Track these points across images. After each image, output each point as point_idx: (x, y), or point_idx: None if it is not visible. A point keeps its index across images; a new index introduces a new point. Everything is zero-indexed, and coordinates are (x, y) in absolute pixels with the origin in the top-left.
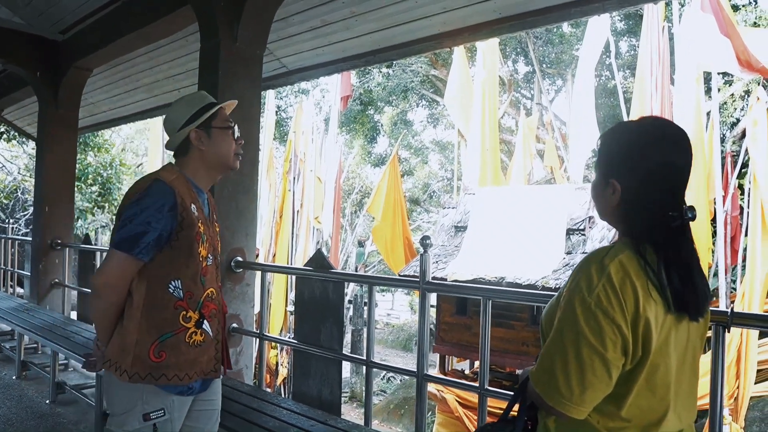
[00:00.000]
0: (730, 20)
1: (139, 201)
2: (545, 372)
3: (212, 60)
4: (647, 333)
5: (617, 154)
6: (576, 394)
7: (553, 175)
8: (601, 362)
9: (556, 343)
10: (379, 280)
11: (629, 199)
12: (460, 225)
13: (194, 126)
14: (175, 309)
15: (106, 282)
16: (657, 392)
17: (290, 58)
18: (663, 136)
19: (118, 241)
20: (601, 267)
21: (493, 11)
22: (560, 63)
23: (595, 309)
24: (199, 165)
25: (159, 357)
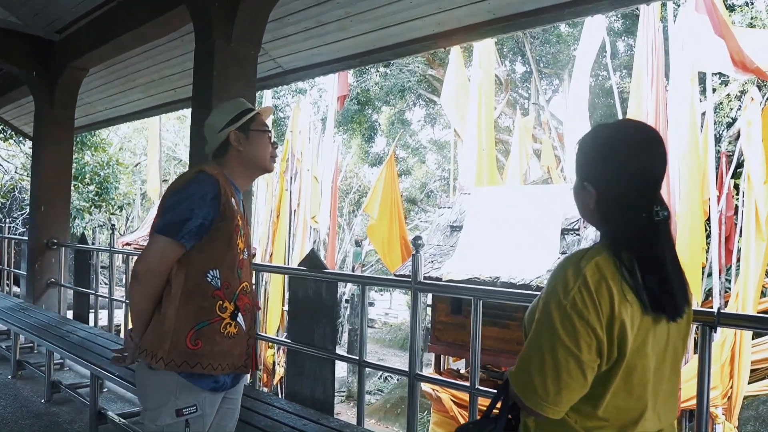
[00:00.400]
0: (724, 21)
1: (183, 189)
2: (523, 373)
3: (207, 60)
4: (623, 335)
5: (590, 158)
6: (552, 395)
7: (550, 175)
8: (576, 364)
9: (533, 345)
10: (371, 280)
11: (603, 201)
12: (456, 225)
13: (234, 128)
14: (213, 298)
15: (148, 268)
16: (634, 392)
17: (285, 58)
18: (634, 140)
19: (162, 227)
20: (577, 270)
21: (487, 12)
22: (557, 63)
23: (571, 311)
24: (237, 165)
25: (195, 345)
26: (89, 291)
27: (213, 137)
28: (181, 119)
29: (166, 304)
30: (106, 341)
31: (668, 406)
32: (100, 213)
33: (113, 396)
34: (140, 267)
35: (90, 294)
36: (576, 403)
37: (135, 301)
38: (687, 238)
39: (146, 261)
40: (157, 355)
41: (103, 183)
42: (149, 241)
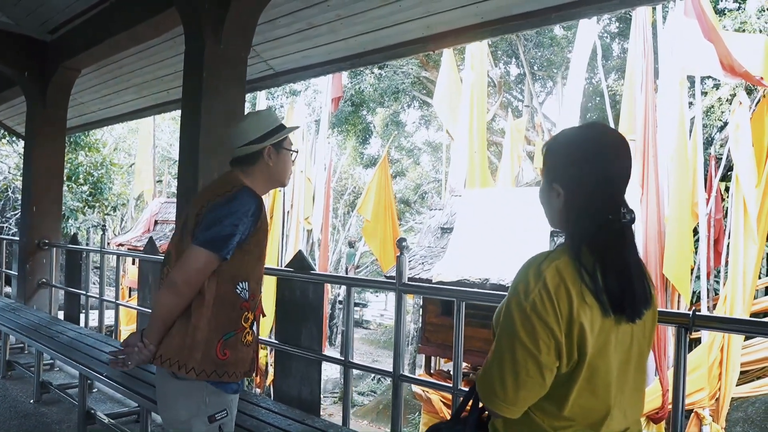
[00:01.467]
0: (712, 25)
1: (229, 204)
2: (485, 374)
3: (197, 62)
4: (582, 338)
5: (559, 160)
6: (510, 394)
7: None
8: (534, 364)
9: (495, 347)
10: (356, 281)
11: (570, 202)
12: (447, 227)
13: (271, 142)
14: (240, 309)
15: (188, 279)
16: (598, 393)
17: (277, 60)
18: (601, 143)
19: (206, 241)
20: (537, 272)
21: (475, 15)
22: (551, 65)
23: (531, 313)
24: (261, 177)
25: (224, 355)
26: (80, 292)
27: (243, 145)
28: (176, 119)
29: (197, 315)
30: (96, 342)
31: (634, 404)
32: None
33: (102, 396)
34: (179, 277)
35: (81, 294)
36: (541, 403)
37: (165, 309)
38: (676, 240)
39: (187, 272)
40: (188, 365)
41: (96, 183)
42: (191, 252)
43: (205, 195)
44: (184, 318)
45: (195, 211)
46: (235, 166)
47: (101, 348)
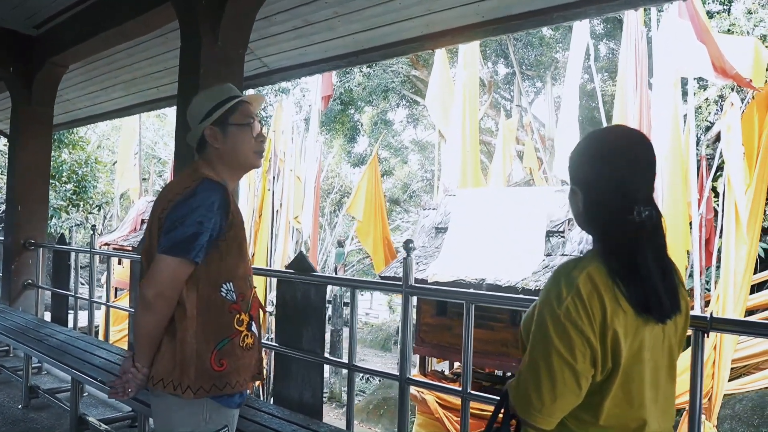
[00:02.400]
0: (705, 27)
1: (187, 201)
2: (520, 384)
3: (193, 60)
4: (616, 345)
5: (577, 163)
6: (547, 405)
7: (532, 177)
8: (571, 373)
9: (530, 357)
10: (362, 283)
11: (589, 204)
12: (441, 226)
13: (209, 122)
14: (230, 313)
15: (159, 292)
16: (634, 402)
17: (272, 57)
18: (616, 142)
19: (170, 246)
20: (569, 280)
21: (476, 14)
22: (540, 65)
23: (565, 321)
24: (219, 163)
25: (221, 366)
26: (68, 293)
27: (193, 130)
28: (161, 117)
29: (181, 329)
30: (87, 345)
31: (666, 412)
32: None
33: (94, 401)
34: (149, 291)
35: (69, 296)
36: (575, 411)
37: (144, 329)
38: (670, 239)
39: (156, 284)
40: (183, 384)
41: (81, 182)
42: (156, 263)
43: (166, 194)
44: (170, 334)
45: (157, 214)
46: (196, 154)
47: (93, 351)
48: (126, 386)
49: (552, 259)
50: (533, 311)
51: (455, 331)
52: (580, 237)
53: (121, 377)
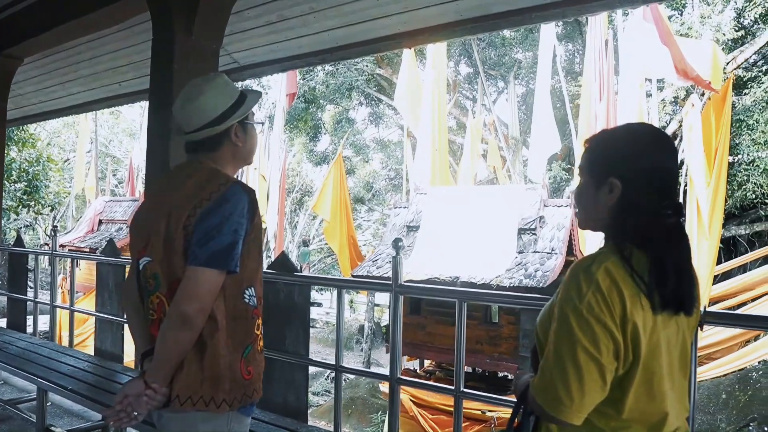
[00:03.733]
0: (668, 30)
1: (221, 207)
2: (545, 382)
3: (166, 54)
4: (636, 337)
5: (618, 154)
6: (576, 401)
7: (496, 175)
8: (597, 367)
9: (554, 353)
10: (349, 283)
11: (628, 197)
12: (413, 224)
13: (235, 120)
14: (252, 318)
15: (202, 308)
16: (655, 397)
17: (243, 53)
18: (658, 139)
19: (210, 257)
20: (588, 275)
21: (455, 12)
22: (502, 65)
23: (587, 315)
24: (230, 161)
25: (249, 374)
26: (28, 298)
27: (203, 126)
28: (115, 114)
29: (213, 342)
30: (51, 351)
31: (682, 406)
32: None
33: (58, 410)
34: (191, 307)
35: (27, 301)
36: (598, 406)
37: (180, 347)
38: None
39: (198, 299)
40: (217, 399)
41: (32, 181)
42: (195, 276)
43: (184, 199)
44: (196, 347)
45: (180, 222)
46: (195, 152)
47: (59, 359)
48: (130, 409)
49: (524, 256)
50: (550, 310)
51: (429, 329)
52: (551, 235)
53: (122, 401)
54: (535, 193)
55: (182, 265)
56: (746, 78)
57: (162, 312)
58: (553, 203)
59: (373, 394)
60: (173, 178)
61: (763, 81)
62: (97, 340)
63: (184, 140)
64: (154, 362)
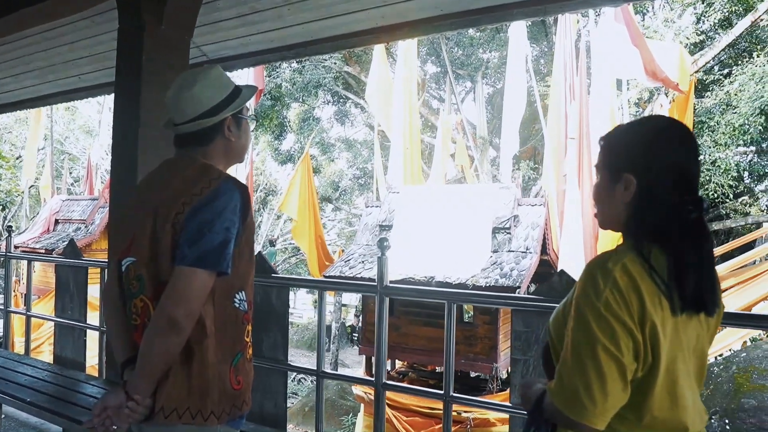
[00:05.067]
0: (639, 31)
1: (212, 203)
2: (564, 385)
3: (134, 44)
4: (654, 336)
5: (633, 149)
6: (599, 404)
7: (464, 174)
8: (618, 367)
9: (572, 354)
10: (331, 284)
11: (644, 193)
12: (385, 224)
13: (229, 112)
14: (242, 324)
15: (190, 311)
16: (676, 404)
17: (212, 46)
18: (676, 133)
19: (199, 257)
20: (605, 272)
21: (434, 7)
22: (469, 65)
23: (606, 313)
24: (220, 157)
25: (239, 384)
26: None
27: (195, 118)
28: (71, 110)
29: (201, 349)
30: (5, 360)
31: (701, 416)
32: None
33: (14, 423)
34: (179, 311)
35: None
36: (620, 410)
37: (166, 355)
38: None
39: (186, 302)
40: (205, 411)
41: None
42: (182, 277)
43: (173, 195)
44: (182, 355)
45: (168, 219)
46: (185, 146)
47: (14, 368)
48: (109, 423)
49: (499, 255)
50: (563, 310)
51: (402, 330)
52: (525, 234)
53: (101, 413)
54: (509, 192)
55: (169, 266)
56: (707, 81)
57: (146, 317)
58: (527, 202)
59: (341, 395)
60: (160, 174)
61: (724, 84)
62: (57, 346)
63: (174, 133)
64: (137, 371)
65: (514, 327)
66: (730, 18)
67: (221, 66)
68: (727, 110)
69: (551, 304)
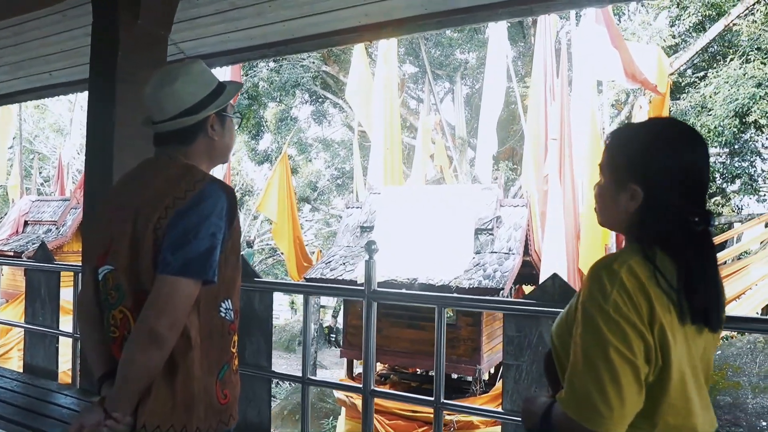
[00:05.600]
0: (619, 33)
1: (197, 207)
2: (577, 393)
3: (110, 40)
4: (664, 339)
5: (640, 155)
6: (616, 409)
7: (443, 175)
8: (632, 370)
9: (583, 359)
10: (317, 289)
11: (650, 204)
12: (366, 225)
13: (212, 110)
14: (229, 334)
15: (174, 322)
16: (689, 412)
17: (190, 43)
18: (686, 137)
19: (182, 265)
20: (611, 273)
21: (419, 5)
22: (447, 66)
23: (615, 315)
24: (203, 157)
25: (225, 398)
26: None
27: (176, 116)
28: (41, 108)
29: (186, 362)
30: None
31: (712, 419)
32: None
33: None
34: (162, 323)
35: None
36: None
37: (148, 369)
38: (590, 235)
39: (170, 314)
40: (190, 427)
41: None
42: (165, 286)
43: (154, 198)
44: (166, 368)
45: (150, 223)
46: (165, 145)
47: None
48: None
49: (482, 257)
50: (566, 316)
51: (384, 332)
52: (507, 235)
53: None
54: (491, 193)
55: (151, 274)
56: (683, 83)
57: (126, 328)
58: (509, 203)
59: (321, 398)
60: (139, 175)
61: (700, 87)
62: (27, 354)
63: (153, 131)
64: (117, 387)
65: (507, 332)
66: (704, 22)
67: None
68: (702, 112)
69: (544, 308)
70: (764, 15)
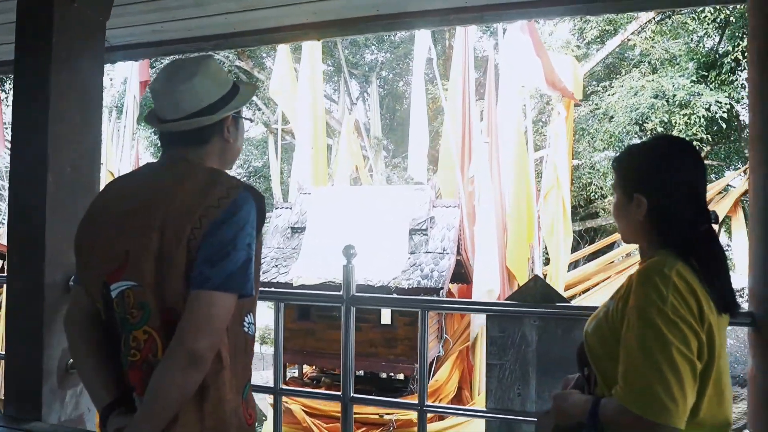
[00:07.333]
0: (541, 43)
1: (233, 217)
2: (641, 391)
3: (42, 25)
4: (711, 336)
5: (643, 170)
6: (681, 404)
7: (359, 174)
8: (691, 368)
9: (643, 359)
10: (293, 296)
11: (657, 211)
12: (297, 226)
13: (229, 111)
14: (251, 350)
15: (213, 342)
16: (723, 400)
17: (117, 31)
18: (682, 151)
19: (225, 279)
20: (663, 277)
21: (372, 6)
22: (362, 65)
23: (674, 317)
24: (215, 160)
25: (251, 417)
26: None
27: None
28: None
29: (216, 383)
30: None
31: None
32: None
33: None
34: (202, 344)
35: None
36: None
37: (183, 394)
38: (516, 235)
39: (212, 333)
40: None
41: None
42: (207, 304)
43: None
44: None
45: (183, 236)
46: (177, 145)
47: None
48: None
49: (417, 257)
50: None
51: (319, 335)
52: (441, 235)
53: None
54: (424, 194)
55: (179, 291)
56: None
57: (150, 351)
58: (441, 204)
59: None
60: (154, 181)
61: (603, 96)
62: None
63: (162, 130)
64: (143, 415)
65: (489, 333)
66: (603, 36)
67: (126, 54)
68: (604, 119)
69: (525, 309)
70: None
